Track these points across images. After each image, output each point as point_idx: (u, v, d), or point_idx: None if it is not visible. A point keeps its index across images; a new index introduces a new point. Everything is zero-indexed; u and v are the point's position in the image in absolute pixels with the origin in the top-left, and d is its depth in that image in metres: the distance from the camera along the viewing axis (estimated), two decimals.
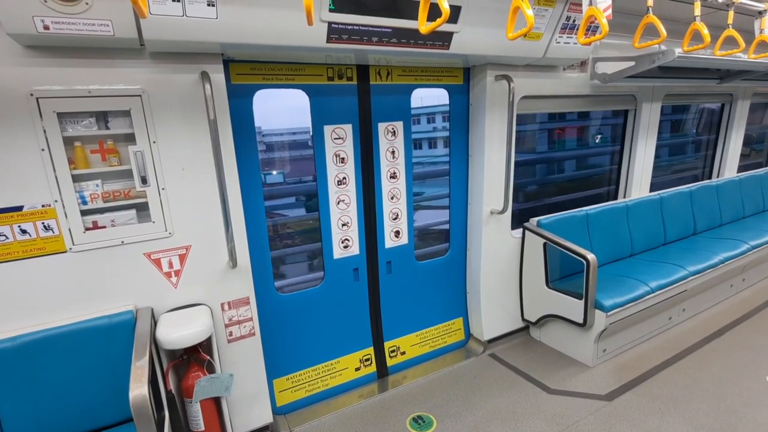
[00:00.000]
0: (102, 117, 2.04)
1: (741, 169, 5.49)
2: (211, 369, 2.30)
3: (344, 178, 2.88)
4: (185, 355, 2.26)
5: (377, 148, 2.96)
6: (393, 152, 3.03)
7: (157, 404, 1.97)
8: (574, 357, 3.37)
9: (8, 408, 1.92)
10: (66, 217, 2.00)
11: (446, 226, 3.47)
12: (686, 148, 5.41)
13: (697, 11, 2.33)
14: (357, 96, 2.82)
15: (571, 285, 3.26)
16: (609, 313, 3.04)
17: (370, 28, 2.21)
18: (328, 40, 2.16)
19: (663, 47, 2.99)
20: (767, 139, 6.45)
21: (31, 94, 1.84)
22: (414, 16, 2.22)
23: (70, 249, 2.04)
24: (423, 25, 1.67)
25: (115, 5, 1.74)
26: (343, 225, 2.95)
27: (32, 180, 1.92)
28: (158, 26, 1.79)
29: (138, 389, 1.65)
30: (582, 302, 3.10)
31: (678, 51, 2.87)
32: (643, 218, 4.11)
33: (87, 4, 1.70)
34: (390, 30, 2.26)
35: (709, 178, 5.38)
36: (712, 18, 3.03)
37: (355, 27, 2.17)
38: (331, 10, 2.04)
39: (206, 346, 2.28)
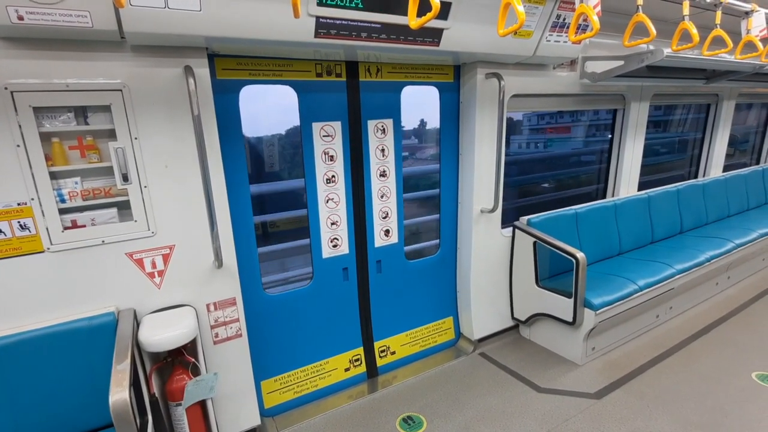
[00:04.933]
0: (81, 112, 1.97)
1: (726, 168, 5.58)
2: (196, 371, 2.24)
3: (333, 176, 2.84)
4: (169, 358, 2.20)
5: (367, 145, 2.92)
6: (383, 150, 2.99)
7: (140, 408, 1.92)
8: (564, 355, 3.38)
9: None
10: (43, 215, 1.93)
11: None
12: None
13: (686, 11, 2.34)
14: (346, 93, 2.78)
15: (560, 284, 3.26)
16: (598, 312, 3.05)
17: (359, 23, 2.17)
18: (316, 35, 2.12)
19: (652, 47, 3.00)
20: (751, 139, 6.57)
21: (6, 88, 1.77)
22: (403, 12, 2.19)
23: (48, 249, 1.97)
24: (413, 20, 1.64)
25: None
26: (332, 224, 2.91)
27: (7, 177, 1.84)
28: (139, 18, 1.73)
29: (118, 394, 1.60)
30: (571, 301, 3.10)
31: (667, 50, 2.88)
32: (631, 217, 4.15)
33: None
34: (379, 25, 2.23)
35: (695, 177, 5.45)
36: (699, 18, 3.04)
37: (343, 22, 2.12)
38: (318, 4, 1.99)
39: (191, 348, 2.22)
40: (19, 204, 1.89)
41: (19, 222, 1.91)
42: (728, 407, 2.75)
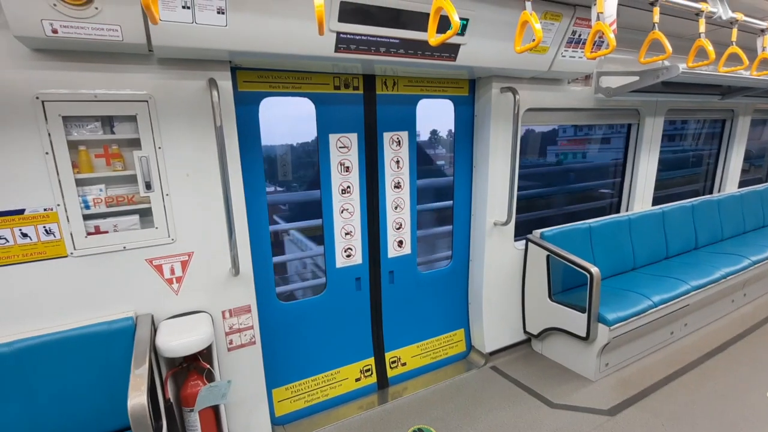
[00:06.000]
0: (107, 121, 2.04)
1: (741, 184, 5.52)
2: (210, 378, 2.27)
3: (348, 186, 2.87)
4: (185, 363, 2.22)
5: (382, 157, 2.96)
6: (398, 162, 3.02)
7: (155, 413, 1.94)
8: (577, 371, 3.34)
9: (2, 414, 1.88)
10: (68, 221, 1.98)
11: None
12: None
13: (702, 28, 2.36)
14: (363, 105, 2.83)
15: (574, 298, 3.24)
16: (612, 327, 3.01)
17: (378, 39, 2.22)
18: (336, 49, 2.17)
19: (667, 63, 3.01)
20: (767, 155, 6.50)
21: (37, 97, 1.84)
22: (421, 28, 2.24)
23: (71, 254, 2.02)
24: (432, 37, 1.67)
25: (124, 10, 1.74)
26: (347, 234, 2.94)
27: (35, 183, 1.90)
28: (168, 32, 1.79)
29: (137, 398, 1.62)
30: (585, 316, 3.08)
31: (682, 66, 2.89)
32: (646, 232, 4.11)
33: (97, 8, 1.70)
34: (398, 41, 2.27)
35: (710, 192, 5.40)
36: (715, 35, 3.06)
37: (363, 37, 2.17)
38: (339, 20, 2.04)
39: (206, 354, 2.25)
40: (45, 209, 1.95)
41: (44, 227, 1.96)
42: (742, 426, 2.69)
